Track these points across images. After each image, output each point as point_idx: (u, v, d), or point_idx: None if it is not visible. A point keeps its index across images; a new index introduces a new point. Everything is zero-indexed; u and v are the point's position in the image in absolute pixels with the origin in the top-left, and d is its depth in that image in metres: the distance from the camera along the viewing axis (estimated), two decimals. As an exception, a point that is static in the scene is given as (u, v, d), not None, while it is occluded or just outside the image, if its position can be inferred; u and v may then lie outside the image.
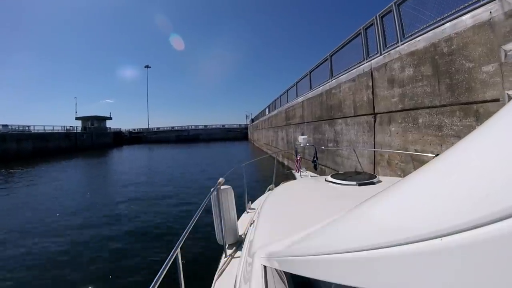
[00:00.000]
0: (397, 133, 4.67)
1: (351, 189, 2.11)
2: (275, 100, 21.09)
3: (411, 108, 4.29)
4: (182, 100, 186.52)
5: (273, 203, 2.19)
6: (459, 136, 3.39)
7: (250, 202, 3.33)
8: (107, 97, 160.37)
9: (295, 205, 2.12)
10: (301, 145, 6.25)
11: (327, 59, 8.75)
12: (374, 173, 5.58)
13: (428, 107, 3.90)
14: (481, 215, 0.31)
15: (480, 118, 3.11)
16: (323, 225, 0.77)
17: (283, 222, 1.67)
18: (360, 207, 0.64)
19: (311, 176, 4.83)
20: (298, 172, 5.50)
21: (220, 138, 57.35)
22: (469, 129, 3.24)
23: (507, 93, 2.78)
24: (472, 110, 3.20)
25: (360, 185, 2.13)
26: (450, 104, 3.52)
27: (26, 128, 35.60)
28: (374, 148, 5.44)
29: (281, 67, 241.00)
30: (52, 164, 21.83)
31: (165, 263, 1.17)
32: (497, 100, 2.91)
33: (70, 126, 44.27)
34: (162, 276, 1.09)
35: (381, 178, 2.33)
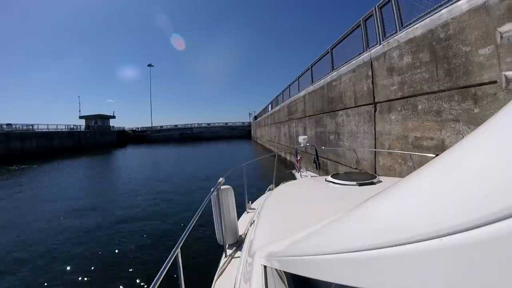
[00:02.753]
0: (397, 121, 4.70)
1: (351, 189, 2.13)
2: (277, 96, 21.11)
3: (410, 95, 4.31)
4: (185, 99, 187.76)
5: (273, 203, 2.21)
6: (458, 120, 3.42)
7: (250, 202, 3.35)
8: (108, 97, 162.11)
9: (295, 205, 2.14)
10: (301, 145, 6.27)
11: (328, 52, 8.77)
12: (375, 161, 5.63)
13: (427, 93, 3.93)
14: (481, 215, 0.32)
15: (478, 101, 3.14)
16: (323, 225, 0.78)
17: (283, 222, 1.68)
18: (360, 207, 0.64)
19: (311, 176, 4.88)
20: (298, 172, 5.53)
21: (223, 136, 57.11)
22: (468, 112, 3.27)
23: (504, 75, 2.81)
24: (470, 93, 3.23)
25: (360, 185, 2.15)
26: (448, 89, 3.55)
27: (30, 126, 35.40)
28: (375, 137, 5.47)
29: (284, 63, 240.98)
30: (63, 163, 21.92)
31: (165, 263, 1.17)
32: (494, 82, 2.94)
33: (74, 125, 43.91)
34: (162, 276, 1.09)
35: (381, 178, 2.35)
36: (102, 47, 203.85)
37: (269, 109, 25.84)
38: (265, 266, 1.10)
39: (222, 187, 2.31)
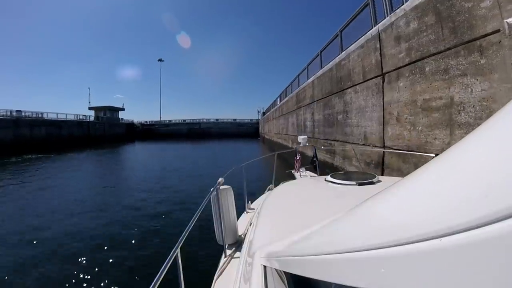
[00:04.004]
0: (405, 87, 4.85)
1: (351, 189, 2.16)
2: (286, 87, 21.30)
3: (417, 59, 4.47)
4: (193, 97, 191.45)
5: (273, 203, 2.24)
6: (465, 74, 3.56)
7: (250, 202, 3.39)
8: (116, 92, 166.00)
9: (294, 205, 2.16)
10: (301, 144, 6.38)
11: (338, 35, 8.92)
12: (383, 133, 5.77)
13: (434, 54, 4.08)
14: (481, 215, 0.32)
15: (484, 52, 3.28)
16: (323, 225, 0.78)
17: (283, 222, 1.70)
18: (360, 207, 0.65)
19: (311, 176, 4.96)
20: (298, 172, 5.57)
21: (231, 133, 57.00)
22: (475, 64, 3.40)
23: (506, 22, 2.96)
24: (476, 46, 3.38)
25: (359, 185, 2.18)
26: (454, 46, 3.70)
27: (40, 114, 34.82)
28: (383, 107, 5.63)
29: (292, 61, 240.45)
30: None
31: (165, 263, 1.18)
32: (497, 31, 3.09)
33: (83, 115, 43.32)
34: (162, 276, 1.10)
35: (380, 178, 2.38)
36: (111, 45, 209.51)
37: (278, 102, 26.05)
38: (264, 266, 1.10)
39: (222, 187, 2.31)
